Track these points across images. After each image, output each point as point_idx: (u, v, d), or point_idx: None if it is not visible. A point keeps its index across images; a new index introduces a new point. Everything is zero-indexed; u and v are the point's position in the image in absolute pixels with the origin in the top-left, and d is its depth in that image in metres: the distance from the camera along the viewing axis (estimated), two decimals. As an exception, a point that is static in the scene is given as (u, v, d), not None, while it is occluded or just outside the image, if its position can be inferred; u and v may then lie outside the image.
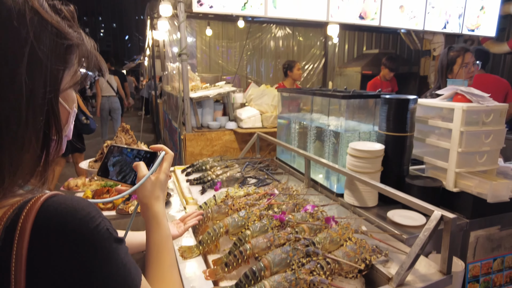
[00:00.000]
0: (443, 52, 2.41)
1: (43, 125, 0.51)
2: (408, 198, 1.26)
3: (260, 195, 1.70)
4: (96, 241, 0.47)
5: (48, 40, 0.50)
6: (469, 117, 1.53)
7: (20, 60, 0.47)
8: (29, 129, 0.49)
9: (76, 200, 0.49)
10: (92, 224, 0.48)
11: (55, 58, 0.52)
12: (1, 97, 0.46)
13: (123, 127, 2.99)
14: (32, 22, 0.48)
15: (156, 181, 0.83)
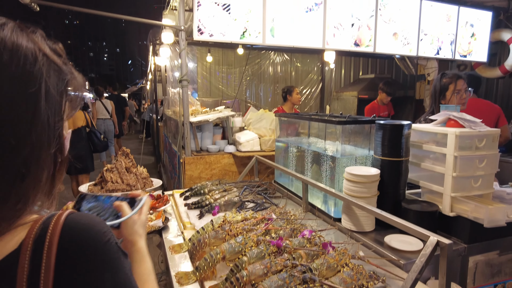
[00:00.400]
0: (436, 78, 2.48)
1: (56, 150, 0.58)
2: (404, 224, 1.27)
3: (257, 220, 1.71)
4: (108, 254, 0.55)
5: (55, 77, 0.58)
6: (462, 142, 1.56)
7: (39, 96, 0.54)
8: (48, 154, 0.56)
9: (90, 217, 0.57)
10: (104, 238, 0.55)
11: (59, 92, 0.59)
12: (29, 129, 0.53)
13: (123, 151, 3.02)
14: (43, 63, 0.55)
15: (139, 220, 0.95)
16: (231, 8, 3.08)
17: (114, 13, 3.08)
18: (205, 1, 2.96)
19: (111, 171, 2.86)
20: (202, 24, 2.98)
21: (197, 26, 2.96)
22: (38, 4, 2.55)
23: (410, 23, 3.85)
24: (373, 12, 3.64)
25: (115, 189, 2.71)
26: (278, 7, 3.25)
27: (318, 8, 3.41)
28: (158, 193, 2.38)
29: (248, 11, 3.14)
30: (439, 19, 4.02)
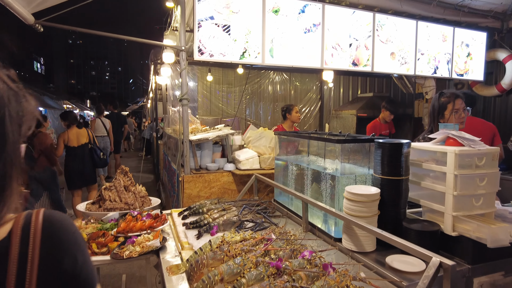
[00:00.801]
0: (434, 97, 2.50)
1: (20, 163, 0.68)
2: (406, 244, 1.25)
3: (256, 240, 1.68)
4: (77, 239, 0.69)
5: (14, 101, 0.65)
6: (462, 161, 1.56)
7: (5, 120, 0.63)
8: (17, 168, 0.66)
9: (61, 213, 0.70)
10: (73, 228, 0.71)
11: (18, 114, 0.67)
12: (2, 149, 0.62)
13: (122, 169, 3.01)
14: (4, 90, 0.64)
15: None
16: (231, 29, 3.14)
17: (117, 34, 3.14)
18: (206, 22, 3.03)
19: (110, 190, 2.84)
20: (203, 44, 3.04)
21: (198, 47, 3.02)
22: (42, 25, 2.61)
23: (407, 43, 3.92)
24: (371, 32, 3.71)
25: (113, 207, 2.69)
26: (277, 28, 3.32)
27: (316, 29, 3.48)
28: (156, 212, 2.35)
29: (248, 32, 3.21)
30: (435, 39, 4.10)
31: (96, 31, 2.84)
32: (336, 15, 3.54)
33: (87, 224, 2.47)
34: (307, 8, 3.42)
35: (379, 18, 3.74)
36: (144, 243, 1.98)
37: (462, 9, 4.26)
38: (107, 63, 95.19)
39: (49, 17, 2.45)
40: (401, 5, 3.84)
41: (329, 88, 7.42)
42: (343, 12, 3.58)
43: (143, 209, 2.61)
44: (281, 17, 3.33)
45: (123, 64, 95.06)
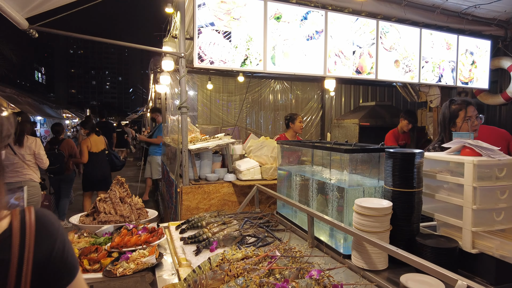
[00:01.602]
0: (444, 105, 2.39)
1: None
2: (427, 265, 1.13)
3: (260, 258, 1.56)
4: (63, 230, 0.84)
5: None
6: (481, 172, 1.45)
7: None
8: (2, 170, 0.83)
9: (45, 209, 0.85)
10: (58, 222, 0.85)
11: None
12: None
13: (118, 180, 2.89)
14: None
15: None
16: (232, 35, 3.07)
17: (120, 44, 3.06)
18: (206, 29, 2.95)
19: (105, 201, 2.71)
20: (203, 51, 2.95)
21: (198, 53, 2.93)
22: (38, 31, 2.53)
23: (411, 51, 3.85)
24: (374, 40, 3.64)
25: (107, 220, 2.56)
26: (279, 35, 3.25)
27: (319, 36, 3.41)
28: (153, 226, 2.22)
29: (249, 39, 3.13)
30: (440, 47, 4.04)
31: (93, 37, 2.76)
32: (339, 22, 3.48)
33: (79, 238, 2.34)
34: (310, 15, 3.35)
35: (383, 25, 3.67)
36: (139, 260, 1.85)
37: (465, 17, 4.21)
38: (108, 73, 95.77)
39: (44, 22, 2.37)
40: (404, 12, 3.78)
41: (330, 97, 7.34)
42: (346, 19, 3.51)
43: (139, 222, 2.49)
44: (283, 24, 3.26)
45: (123, 73, 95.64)
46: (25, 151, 3.92)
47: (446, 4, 3.96)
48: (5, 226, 0.76)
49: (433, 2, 3.89)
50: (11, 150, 3.83)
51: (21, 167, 3.85)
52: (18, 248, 0.74)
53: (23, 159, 3.88)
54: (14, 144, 3.85)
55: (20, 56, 32.99)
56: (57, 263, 0.79)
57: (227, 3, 3.03)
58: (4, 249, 0.73)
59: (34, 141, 4.04)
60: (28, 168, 3.91)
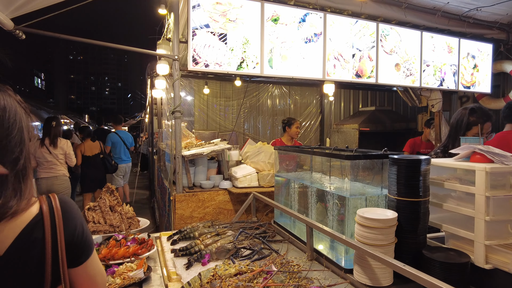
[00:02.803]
0: (461, 112, 2.24)
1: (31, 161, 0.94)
2: (440, 285, 1.01)
3: (254, 273, 1.43)
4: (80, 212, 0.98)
5: (25, 116, 0.90)
6: (494, 180, 1.34)
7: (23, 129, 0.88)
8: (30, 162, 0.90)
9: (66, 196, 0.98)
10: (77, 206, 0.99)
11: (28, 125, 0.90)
12: (22, 148, 0.88)
13: (108, 188, 2.76)
14: (20, 110, 0.88)
15: None
16: (227, 38, 2.97)
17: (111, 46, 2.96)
18: (201, 31, 2.86)
19: (94, 210, 2.58)
20: (197, 54, 2.86)
21: (192, 56, 2.84)
22: (25, 32, 2.42)
23: (412, 54, 3.77)
24: (374, 43, 3.55)
25: (96, 230, 2.43)
26: (277, 38, 3.16)
27: (318, 39, 3.32)
28: (143, 237, 2.10)
29: (246, 41, 3.04)
30: (441, 50, 3.95)
31: (83, 38, 2.65)
32: (338, 24, 3.39)
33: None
34: (308, 17, 3.26)
35: (383, 28, 3.59)
36: (126, 274, 1.72)
37: (467, 20, 4.13)
38: (107, 79, 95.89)
39: (30, 23, 2.27)
40: (405, 15, 3.70)
41: (329, 101, 7.25)
42: (345, 22, 3.42)
43: (129, 232, 2.36)
44: (280, 26, 3.17)
45: (122, 79, 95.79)
46: (58, 151, 4.59)
47: (447, 7, 3.88)
48: (36, 211, 0.89)
49: (434, 4, 3.81)
50: (47, 150, 4.50)
51: (55, 165, 4.55)
52: (50, 229, 0.87)
53: (57, 158, 4.57)
54: (50, 145, 4.53)
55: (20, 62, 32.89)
56: (79, 240, 0.93)
57: (223, 5, 2.94)
58: (38, 229, 0.87)
59: (65, 143, 4.74)
60: (60, 165, 4.62)
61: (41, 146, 4.47)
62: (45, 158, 4.48)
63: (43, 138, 4.54)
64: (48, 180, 4.50)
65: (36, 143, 4.47)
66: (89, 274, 0.96)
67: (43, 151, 4.46)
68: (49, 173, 4.52)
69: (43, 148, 4.46)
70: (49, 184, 4.52)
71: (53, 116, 5.16)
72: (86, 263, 0.95)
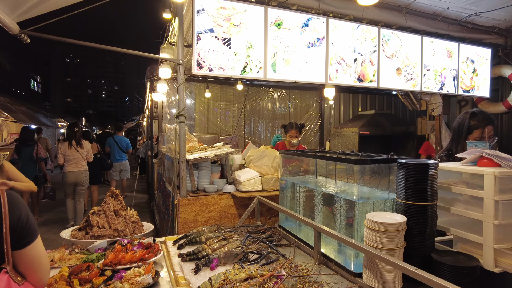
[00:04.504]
0: (463, 116, 2.26)
1: None
2: (454, 290, 1.02)
3: (264, 278, 1.44)
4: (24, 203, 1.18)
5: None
6: (503, 184, 1.35)
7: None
8: None
9: (13, 192, 1.17)
10: (20, 198, 1.17)
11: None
12: None
13: (112, 192, 2.75)
14: None
15: None
16: (231, 42, 2.99)
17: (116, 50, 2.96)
18: (205, 35, 2.87)
19: (98, 215, 2.58)
20: (202, 58, 2.87)
21: (196, 60, 2.85)
22: (30, 36, 2.43)
23: (412, 59, 3.80)
24: (376, 47, 3.58)
25: (101, 235, 2.42)
26: (280, 42, 3.18)
27: (320, 44, 3.35)
28: (149, 241, 2.09)
29: (249, 46, 3.05)
30: (441, 54, 3.99)
31: (88, 42, 2.66)
32: (340, 29, 3.42)
33: (70, 254, 2.20)
34: (311, 21, 3.29)
35: (384, 32, 3.62)
36: (134, 279, 1.71)
37: (466, 25, 4.18)
38: (104, 82, 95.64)
39: (36, 27, 2.27)
40: (405, 20, 3.74)
41: (329, 105, 7.29)
42: (347, 26, 3.45)
43: (134, 236, 2.35)
44: (283, 30, 3.19)
45: (119, 82, 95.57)
46: (83, 150, 5.80)
47: (447, 12, 3.93)
48: None
49: (434, 9, 3.86)
50: (75, 150, 5.70)
51: (80, 161, 5.76)
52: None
53: (82, 155, 5.78)
54: (77, 146, 5.72)
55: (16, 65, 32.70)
56: (23, 226, 1.12)
57: (227, 9, 2.96)
58: None
59: (87, 143, 5.97)
60: (84, 161, 5.83)
61: (69, 147, 5.64)
62: (74, 155, 5.67)
63: (70, 140, 5.67)
64: (75, 173, 5.71)
65: (65, 144, 5.67)
66: (34, 256, 1.16)
67: (72, 151, 5.65)
68: (76, 168, 5.72)
69: (72, 148, 5.65)
70: (76, 176, 5.71)
71: (74, 122, 6.28)
72: (31, 246, 1.14)
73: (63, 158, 5.63)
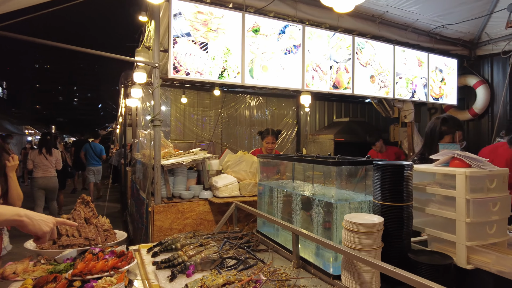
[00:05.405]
0: (434, 122, 2.34)
1: None
2: (434, 287, 1.03)
3: (243, 283, 1.40)
4: None
5: None
6: (473, 184, 1.40)
7: None
8: None
9: None
10: None
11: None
12: None
13: (83, 199, 2.62)
14: None
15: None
16: (209, 47, 2.97)
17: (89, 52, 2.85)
18: (182, 39, 2.84)
19: (67, 223, 2.44)
20: (178, 62, 2.83)
21: (173, 64, 2.80)
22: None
23: (385, 67, 3.93)
24: (350, 55, 3.68)
25: (70, 244, 2.29)
26: (257, 48, 3.19)
27: (297, 51, 3.39)
28: (122, 249, 2.00)
29: (227, 51, 3.05)
30: (412, 63, 4.16)
31: (58, 43, 2.55)
32: (316, 37, 3.49)
33: (35, 266, 2.05)
34: (288, 29, 3.34)
35: (359, 41, 3.73)
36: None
37: (434, 36, 4.39)
38: (76, 89, 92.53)
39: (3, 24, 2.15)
40: (379, 30, 3.88)
41: (305, 112, 7.40)
42: (323, 34, 3.53)
43: (106, 245, 2.24)
44: (261, 37, 3.21)
45: (92, 89, 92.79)
46: (52, 158, 6.11)
47: (417, 24, 4.11)
48: None
49: (405, 20, 4.03)
50: (44, 157, 6.02)
51: (49, 168, 6.07)
52: None
53: (51, 163, 6.10)
54: (46, 153, 6.04)
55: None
56: None
57: (204, 14, 2.94)
58: None
59: (57, 152, 6.33)
60: (53, 168, 6.15)
61: (39, 153, 5.97)
62: (43, 162, 6.00)
63: (40, 148, 6.05)
64: (44, 179, 6.03)
65: (35, 151, 6.07)
66: None
67: (41, 158, 5.97)
68: (45, 174, 6.04)
69: (41, 156, 5.97)
70: (45, 181, 6.04)
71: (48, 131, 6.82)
72: None
73: (32, 164, 5.95)
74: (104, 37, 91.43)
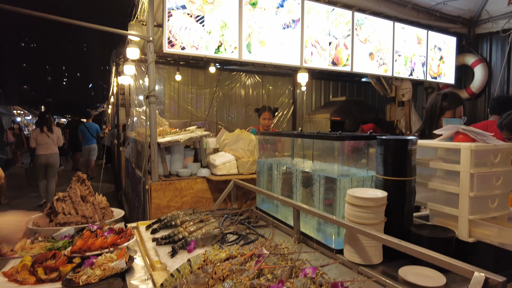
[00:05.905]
0: (435, 98, 2.32)
1: None
2: (441, 258, 1.03)
3: (246, 257, 1.39)
4: None
5: None
6: (478, 158, 1.39)
7: None
8: None
9: None
10: None
11: None
12: None
13: (79, 177, 2.58)
14: None
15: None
16: (205, 20, 2.87)
17: (79, 24, 2.73)
18: (177, 12, 2.73)
19: (63, 201, 2.40)
20: (173, 35, 2.72)
21: (168, 38, 2.70)
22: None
23: (385, 44, 3.86)
24: (350, 31, 3.60)
25: (67, 221, 2.26)
26: (255, 22, 3.09)
27: (296, 25, 3.30)
28: (120, 226, 1.98)
29: (224, 25, 2.94)
30: (411, 41, 4.09)
31: (47, 14, 2.42)
32: (315, 11, 3.39)
33: (33, 243, 2.03)
34: (286, 2, 3.23)
35: (358, 17, 3.64)
36: (106, 265, 1.61)
37: (434, 13, 4.31)
38: (65, 68, 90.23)
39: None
40: (378, 5, 3.78)
41: (301, 92, 7.33)
42: (322, 9, 3.43)
43: (104, 222, 2.22)
44: (258, 10, 3.11)
45: (82, 69, 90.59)
46: (53, 135, 6.34)
47: (417, 0, 4.02)
48: None
49: (405, -4, 3.94)
50: (46, 135, 6.23)
51: (51, 145, 6.30)
52: None
53: (53, 140, 6.32)
54: (48, 131, 6.25)
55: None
56: None
57: (200, -15, 2.82)
58: None
59: (58, 129, 6.53)
60: (55, 145, 6.36)
61: (41, 132, 6.16)
62: (45, 140, 6.22)
63: (41, 126, 6.20)
64: (46, 156, 6.24)
65: (37, 130, 6.23)
66: None
67: (43, 136, 6.19)
68: (47, 151, 6.25)
69: (43, 134, 6.19)
70: (46, 158, 6.24)
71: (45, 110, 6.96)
72: None
73: (35, 142, 6.12)
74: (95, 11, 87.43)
